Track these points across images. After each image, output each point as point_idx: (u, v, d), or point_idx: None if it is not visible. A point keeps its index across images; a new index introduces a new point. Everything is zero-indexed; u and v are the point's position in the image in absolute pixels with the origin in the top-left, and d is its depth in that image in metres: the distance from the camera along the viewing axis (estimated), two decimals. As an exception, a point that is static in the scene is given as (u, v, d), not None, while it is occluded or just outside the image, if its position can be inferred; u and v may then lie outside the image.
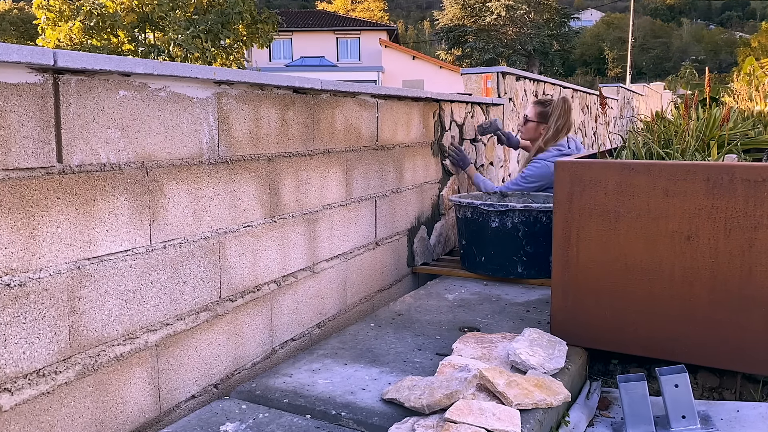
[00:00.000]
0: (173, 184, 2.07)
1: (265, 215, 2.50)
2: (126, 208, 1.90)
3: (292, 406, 2.13)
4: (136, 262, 1.94)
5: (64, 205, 1.71)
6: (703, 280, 2.43)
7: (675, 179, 2.44)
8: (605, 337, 2.62)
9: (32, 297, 1.63)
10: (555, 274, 2.67)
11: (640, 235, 2.50)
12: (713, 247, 2.40)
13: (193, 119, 2.13)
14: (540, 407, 2.07)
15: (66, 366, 1.74)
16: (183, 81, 2.08)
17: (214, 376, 2.29)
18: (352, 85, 3.02)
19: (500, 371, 2.18)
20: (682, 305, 2.47)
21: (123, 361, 1.92)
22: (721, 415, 2.31)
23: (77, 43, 15.43)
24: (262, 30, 17.53)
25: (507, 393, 2.05)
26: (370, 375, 2.36)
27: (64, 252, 1.71)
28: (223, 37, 16.45)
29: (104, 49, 15.15)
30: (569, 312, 2.66)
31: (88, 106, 1.76)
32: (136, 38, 16.34)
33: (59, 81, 1.68)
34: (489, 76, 5.89)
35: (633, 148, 3.06)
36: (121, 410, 1.92)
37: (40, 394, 1.67)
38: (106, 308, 1.85)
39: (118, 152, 1.86)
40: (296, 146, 2.66)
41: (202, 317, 2.22)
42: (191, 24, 15.72)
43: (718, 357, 2.46)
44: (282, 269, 2.62)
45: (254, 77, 2.37)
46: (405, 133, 3.61)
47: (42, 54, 1.57)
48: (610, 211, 2.54)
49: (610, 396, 2.59)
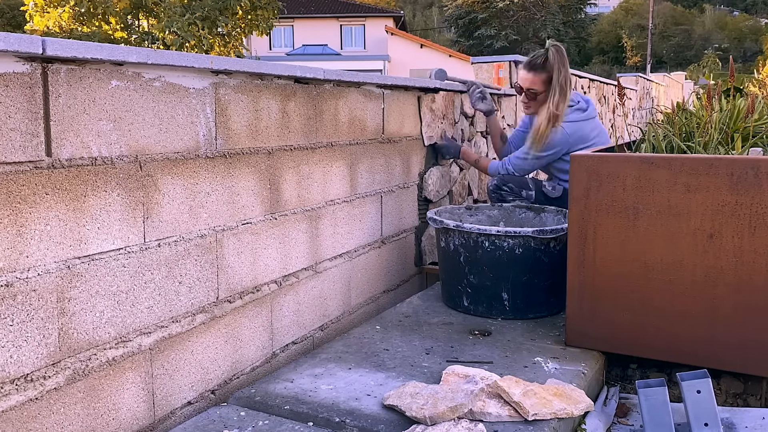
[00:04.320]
0: (168, 179, 2.06)
1: (265, 212, 2.50)
2: (118, 204, 1.90)
3: (294, 413, 2.13)
4: (129, 262, 1.94)
5: (53, 201, 1.71)
6: (726, 281, 2.42)
7: (697, 174, 2.42)
8: (623, 341, 2.61)
9: (19, 298, 1.63)
10: (570, 274, 2.66)
11: (660, 233, 2.49)
12: (737, 245, 2.39)
13: (189, 111, 2.13)
14: (559, 417, 2.06)
15: (55, 371, 1.74)
16: (178, 70, 2.08)
17: (212, 382, 2.29)
18: (357, 74, 3.01)
19: (516, 380, 2.17)
20: (705, 307, 2.46)
21: (115, 365, 1.92)
22: (746, 423, 2.30)
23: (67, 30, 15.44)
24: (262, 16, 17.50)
25: (523, 403, 2.04)
26: (376, 380, 2.35)
27: (53, 250, 1.71)
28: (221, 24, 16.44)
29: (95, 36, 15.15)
30: (585, 314, 2.65)
31: (78, 96, 1.76)
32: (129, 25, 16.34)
33: (48, 70, 1.68)
34: (501, 65, 5.89)
35: (653, 141, 3.04)
36: (114, 417, 1.92)
37: (28, 401, 1.67)
38: (98, 310, 1.85)
39: (110, 145, 1.86)
40: (298, 139, 2.66)
41: (198, 319, 2.21)
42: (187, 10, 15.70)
43: (743, 361, 2.45)
44: (283, 269, 2.62)
45: (253, 66, 2.37)
46: (413, 125, 3.61)
47: (30, 42, 1.57)
48: (629, 207, 2.53)
49: (628, 402, 2.58)
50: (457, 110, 4.19)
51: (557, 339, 2.78)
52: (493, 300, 3.03)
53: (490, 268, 3.00)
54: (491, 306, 3.03)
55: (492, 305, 3.03)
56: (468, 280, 3.06)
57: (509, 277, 2.98)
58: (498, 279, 3.00)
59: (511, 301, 3.01)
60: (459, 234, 3.04)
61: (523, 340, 2.76)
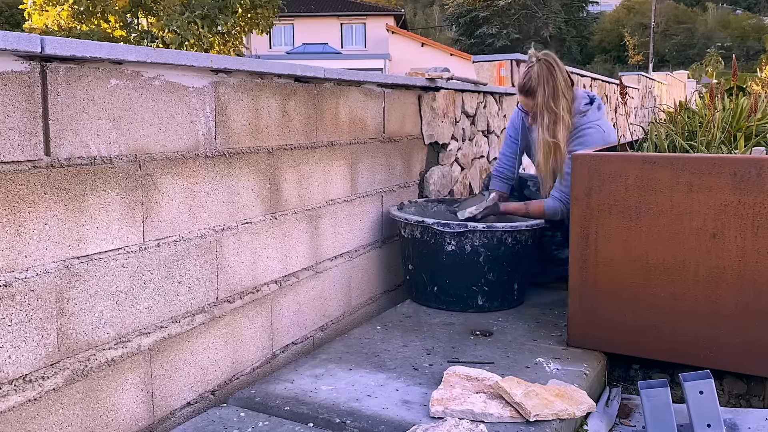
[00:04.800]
0: (168, 178, 2.06)
1: (265, 211, 2.50)
2: (117, 203, 1.90)
3: (294, 414, 2.13)
4: (129, 262, 1.94)
5: (52, 201, 1.71)
6: (729, 281, 2.42)
7: (699, 173, 2.42)
8: (625, 341, 2.61)
9: (18, 298, 1.63)
10: (572, 274, 2.66)
11: (663, 233, 2.49)
12: (740, 245, 2.39)
13: (188, 110, 2.12)
14: (561, 418, 2.06)
15: (54, 371, 1.74)
16: (178, 69, 2.08)
17: (211, 382, 2.29)
18: (358, 73, 3.01)
19: (518, 381, 2.17)
20: (707, 307, 2.46)
21: (114, 366, 1.92)
22: (749, 424, 2.30)
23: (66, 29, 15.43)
24: (262, 15, 17.49)
25: (525, 404, 2.04)
26: (377, 381, 2.35)
27: (51, 250, 1.71)
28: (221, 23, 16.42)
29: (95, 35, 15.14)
30: (587, 314, 2.65)
31: (77, 95, 1.76)
32: (129, 24, 16.34)
33: (47, 69, 1.68)
34: (502, 64, 5.89)
35: (655, 141, 3.04)
36: (113, 418, 1.92)
37: (27, 401, 1.67)
38: (97, 310, 1.85)
39: (110, 145, 1.86)
40: (298, 138, 2.66)
41: (198, 320, 2.21)
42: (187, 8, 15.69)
43: (746, 362, 2.45)
44: (283, 269, 2.62)
45: (253, 65, 2.37)
46: (414, 124, 3.61)
47: (29, 40, 1.57)
48: (631, 207, 2.53)
49: (630, 403, 2.59)
50: (458, 109, 4.18)
51: (559, 339, 2.78)
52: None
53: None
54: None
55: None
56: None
57: None
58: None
59: None
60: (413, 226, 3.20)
61: (524, 340, 2.76)
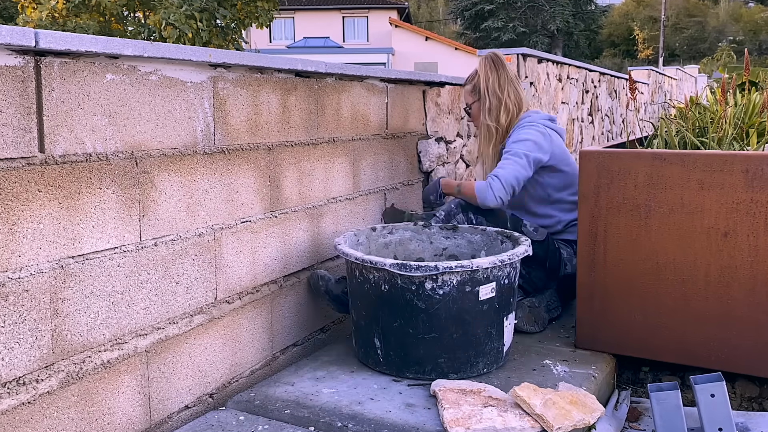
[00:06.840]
0: (165, 175, 2.06)
1: (264, 209, 2.50)
2: (114, 201, 1.89)
3: (294, 418, 2.13)
4: (125, 261, 1.94)
5: (46, 199, 1.71)
6: (741, 281, 2.42)
7: (711, 170, 2.42)
8: (635, 343, 2.61)
9: (11, 298, 1.63)
10: (580, 274, 2.66)
11: (673, 232, 2.49)
12: (753, 244, 2.38)
13: (186, 105, 2.12)
14: (578, 428, 2.04)
15: (48, 373, 1.74)
16: (176, 64, 2.07)
17: (210, 385, 2.29)
18: (360, 68, 3.01)
19: (534, 389, 2.12)
20: (719, 308, 2.46)
21: (110, 368, 1.92)
22: (762, 428, 2.30)
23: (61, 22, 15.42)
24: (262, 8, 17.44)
25: (546, 415, 2.00)
26: (379, 384, 2.35)
27: (46, 250, 1.71)
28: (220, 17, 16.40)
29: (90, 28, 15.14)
30: (596, 315, 2.65)
31: (72, 91, 1.76)
32: (125, 17, 16.33)
33: (41, 64, 1.68)
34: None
35: (665, 137, 3.04)
36: (108, 422, 1.92)
37: (20, 404, 1.67)
38: (92, 311, 1.85)
39: (105, 141, 1.86)
40: (299, 134, 2.65)
41: (196, 320, 2.21)
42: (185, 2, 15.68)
43: (759, 364, 2.44)
44: (283, 268, 2.62)
45: (253, 60, 2.36)
46: (417, 120, 3.60)
47: (22, 34, 1.57)
48: (641, 205, 2.53)
49: (640, 406, 2.58)
50: (463, 105, 4.18)
51: (567, 341, 2.77)
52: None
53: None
54: None
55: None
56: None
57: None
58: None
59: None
60: None
61: (531, 342, 2.76)
